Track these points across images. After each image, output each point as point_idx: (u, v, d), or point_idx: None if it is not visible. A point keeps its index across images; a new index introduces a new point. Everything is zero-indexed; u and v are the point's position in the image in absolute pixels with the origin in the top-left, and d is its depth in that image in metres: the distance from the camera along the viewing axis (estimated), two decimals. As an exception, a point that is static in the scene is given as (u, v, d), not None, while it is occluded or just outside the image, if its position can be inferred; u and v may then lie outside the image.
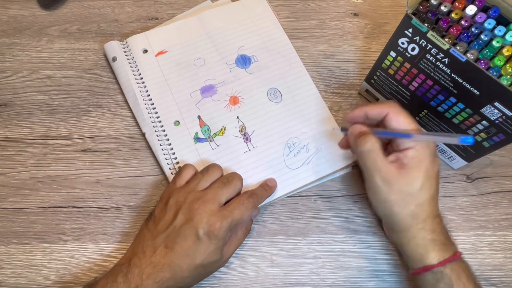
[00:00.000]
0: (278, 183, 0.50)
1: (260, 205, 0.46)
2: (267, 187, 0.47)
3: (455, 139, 0.36)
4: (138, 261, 0.40)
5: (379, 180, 0.41)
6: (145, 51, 0.56)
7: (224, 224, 0.41)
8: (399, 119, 0.41)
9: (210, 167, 0.46)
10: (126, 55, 0.55)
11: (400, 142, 0.41)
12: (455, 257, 0.40)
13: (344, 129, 0.47)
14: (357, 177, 0.52)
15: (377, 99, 0.54)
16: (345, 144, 0.48)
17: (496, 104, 0.40)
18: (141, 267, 0.40)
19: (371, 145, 0.41)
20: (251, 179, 0.50)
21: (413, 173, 0.40)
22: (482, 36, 0.40)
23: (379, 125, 0.44)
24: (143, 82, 0.54)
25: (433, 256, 0.40)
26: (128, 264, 0.40)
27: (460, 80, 0.41)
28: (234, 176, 0.45)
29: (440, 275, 0.39)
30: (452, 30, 0.40)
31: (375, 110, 0.42)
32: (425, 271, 0.40)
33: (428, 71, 0.44)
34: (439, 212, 0.42)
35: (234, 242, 0.44)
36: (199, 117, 0.53)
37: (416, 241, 0.41)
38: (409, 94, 0.49)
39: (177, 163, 0.50)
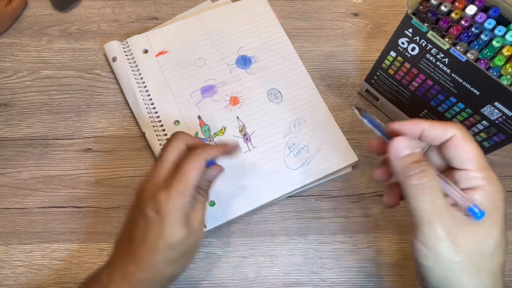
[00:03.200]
0: (278, 183, 0.50)
1: (223, 172, 0.42)
2: (222, 146, 0.40)
3: (467, 204, 0.30)
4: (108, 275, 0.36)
5: (440, 230, 0.29)
6: (146, 51, 0.56)
7: (171, 193, 0.35)
8: (467, 148, 0.31)
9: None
10: (126, 55, 0.55)
11: (459, 178, 0.31)
12: None
13: (364, 115, 0.35)
14: (357, 177, 0.52)
15: (377, 99, 0.54)
16: (379, 150, 0.36)
17: (496, 104, 0.40)
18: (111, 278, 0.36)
19: (431, 180, 0.30)
20: (250, 179, 0.50)
21: (487, 226, 0.30)
22: (482, 36, 0.40)
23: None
24: (143, 82, 0.54)
25: None
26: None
27: (460, 80, 0.41)
28: (171, 139, 0.38)
29: None
30: (452, 30, 0.40)
31: (437, 129, 0.31)
32: None
33: (428, 71, 0.44)
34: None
35: (198, 206, 0.38)
36: (199, 117, 0.53)
37: None
38: (409, 94, 0.49)
39: (177, 163, 0.50)
